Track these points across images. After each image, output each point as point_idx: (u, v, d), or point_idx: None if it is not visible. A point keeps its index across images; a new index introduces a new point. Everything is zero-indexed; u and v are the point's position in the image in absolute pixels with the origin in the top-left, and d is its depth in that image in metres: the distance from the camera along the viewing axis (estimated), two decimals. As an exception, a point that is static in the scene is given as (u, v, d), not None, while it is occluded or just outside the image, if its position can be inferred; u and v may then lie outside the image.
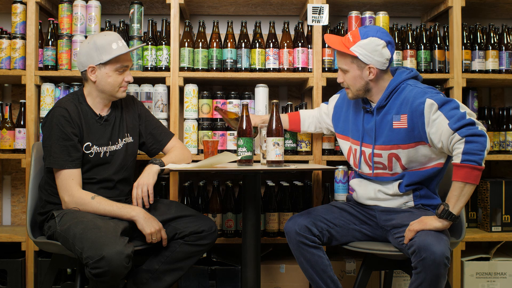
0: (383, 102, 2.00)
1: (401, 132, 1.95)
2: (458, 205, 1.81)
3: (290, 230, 2.00)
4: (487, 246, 2.92)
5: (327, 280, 1.98)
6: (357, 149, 2.11)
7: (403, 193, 2.01)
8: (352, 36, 1.99)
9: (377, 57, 1.96)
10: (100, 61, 2.04)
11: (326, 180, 2.79)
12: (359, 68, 1.99)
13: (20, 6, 2.62)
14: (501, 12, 3.02)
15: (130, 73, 2.13)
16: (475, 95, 2.83)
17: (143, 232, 1.98)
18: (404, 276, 2.72)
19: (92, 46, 2.05)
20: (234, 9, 2.92)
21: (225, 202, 2.70)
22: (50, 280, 2.08)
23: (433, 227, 1.79)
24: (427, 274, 1.69)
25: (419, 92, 1.92)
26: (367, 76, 1.99)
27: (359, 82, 2.01)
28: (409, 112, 1.92)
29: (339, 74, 2.06)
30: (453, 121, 1.81)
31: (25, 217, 2.73)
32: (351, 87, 2.04)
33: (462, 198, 1.80)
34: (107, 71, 2.05)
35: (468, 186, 1.79)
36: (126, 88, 2.13)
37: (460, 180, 1.79)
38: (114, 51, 2.04)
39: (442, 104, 1.85)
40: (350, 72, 2.01)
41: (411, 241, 1.78)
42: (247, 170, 2.00)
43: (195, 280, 2.59)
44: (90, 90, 2.11)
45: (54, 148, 1.99)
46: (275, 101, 2.06)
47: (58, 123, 2.00)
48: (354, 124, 2.13)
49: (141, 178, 2.07)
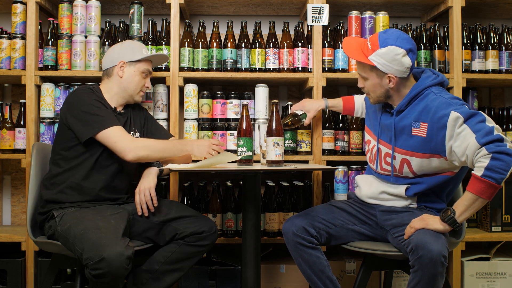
0: (402, 107, 1.95)
1: (418, 140, 1.90)
2: (465, 215, 1.79)
3: (288, 231, 2.00)
4: (487, 246, 2.92)
5: (325, 281, 1.98)
6: (375, 145, 2.09)
7: (408, 197, 2.01)
8: (371, 43, 1.91)
9: (397, 66, 1.88)
10: (131, 59, 2.18)
11: (326, 180, 2.79)
12: (378, 77, 1.94)
13: (20, 6, 2.62)
14: (501, 12, 3.02)
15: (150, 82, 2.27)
16: (475, 95, 2.83)
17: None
18: (404, 276, 2.72)
19: (127, 46, 2.23)
20: (234, 9, 2.92)
21: (225, 202, 2.70)
22: (50, 280, 2.08)
23: (433, 228, 1.79)
24: (424, 272, 1.69)
25: (443, 102, 1.84)
26: (387, 84, 1.93)
27: (379, 89, 1.96)
28: (430, 122, 1.85)
29: (360, 79, 2.03)
30: (481, 135, 1.73)
31: (25, 217, 2.73)
32: (371, 94, 2.00)
33: (471, 210, 1.78)
34: (135, 69, 2.19)
35: (480, 200, 1.75)
36: (144, 94, 2.27)
37: (474, 193, 1.74)
38: (144, 54, 2.22)
39: (468, 117, 1.77)
40: (370, 79, 1.96)
41: (409, 239, 1.78)
42: (247, 170, 2.00)
43: (195, 280, 2.60)
44: (111, 86, 2.19)
45: (94, 111, 2.02)
46: (275, 101, 2.06)
47: (88, 93, 2.08)
48: (375, 118, 2.11)
49: (142, 183, 2.09)
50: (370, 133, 2.16)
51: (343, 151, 2.70)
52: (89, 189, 2.07)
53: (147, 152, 2.03)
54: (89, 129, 2.00)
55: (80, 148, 2.06)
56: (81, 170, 2.07)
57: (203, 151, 2.19)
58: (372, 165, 2.12)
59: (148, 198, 2.07)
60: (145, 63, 2.23)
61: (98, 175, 2.09)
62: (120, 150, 2.00)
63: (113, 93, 2.17)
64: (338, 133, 2.70)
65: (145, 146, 2.04)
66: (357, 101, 2.42)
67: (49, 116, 2.60)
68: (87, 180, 2.07)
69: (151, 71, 2.27)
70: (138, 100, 2.25)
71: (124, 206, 2.14)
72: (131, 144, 2.00)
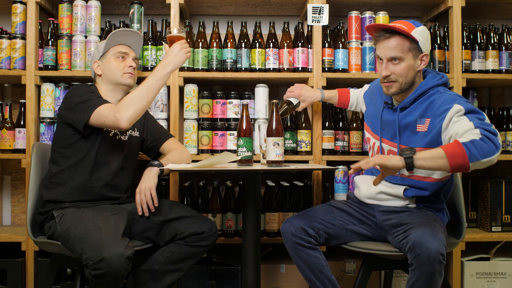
0: (407, 104, 1.96)
1: (421, 135, 1.92)
2: (422, 162, 1.71)
3: (286, 232, 2.01)
4: (487, 246, 2.92)
5: (324, 281, 1.97)
6: (376, 143, 2.09)
7: (407, 197, 2.01)
8: (403, 24, 1.90)
9: (429, 46, 1.95)
10: (100, 54, 2.19)
11: (326, 180, 2.79)
12: (414, 57, 1.92)
13: (20, 6, 2.62)
14: (501, 12, 3.02)
15: (134, 61, 2.20)
16: (475, 95, 2.83)
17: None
18: (404, 276, 2.72)
19: (95, 48, 2.26)
20: (234, 9, 2.92)
21: (225, 202, 2.70)
22: (50, 280, 2.08)
23: (393, 163, 1.72)
24: (422, 271, 1.69)
25: (448, 98, 1.86)
26: (419, 65, 1.93)
27: (411, 73, 1.93)
28: (433, 116, 1.88)
29: (386, 66, 1.94)
30: (478, 123, 1.74)
31: (25, 217, 2.73)
32: (401, 79, 1.93)
33: (429, 162, 1.71)
34: (107, 59, 2.18)
35: (444, 162, 1.69)
36: (132, 75, 2.19)
37: (444, 151, 1.69)
38: (106, 40, 2.18)
39: (470, 111, 1.79)
40: (406, 61, 1.91)
41: (407, 238, 1.77)
42: (247, 170, 2.00)
43: (195, 280, 2.60)
44: (100, 87, 2.21)
45: (84, 98, 2.01)
46: (275, 101, 2.05)
47: (82, 87, 2.10)
48: (374, 117, 2.10)
49: (142, 183, 2.09)
50: (369, 131, 2.16)
51: (343, 151, 2.70)
52: (89, 188, 2.07)
53: (133, 108, 1.92)
54: (83, 115, 1.98)
55: (78, 145, 2.07)
56: (81, 168, 2.07)
57: (181, 56, 2.00)
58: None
59: (148, 198, 2.07)
60: (115, 47, 2.18)
61: (98, 173, 2.09)
62: (112, 125, 1.96)
63: (104, 91, 2.18)
64: (338, 133, 2.70)
65: (127, 105, 1.92)
66: (352, 95, 2.42)
67: (49, 116, 2.60)
68: (87, 178, 2.07)
69: (126, 51, 2.19)
70: (128, 83, 2.16)
71: (124, 205, 2.14)
72: (116, 114, 1.92)
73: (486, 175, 3.07)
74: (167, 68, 1.98)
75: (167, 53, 2.01)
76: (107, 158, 2.11)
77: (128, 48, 2.23)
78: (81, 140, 2.06)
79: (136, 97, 1.94)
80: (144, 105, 1.95)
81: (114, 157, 2.13)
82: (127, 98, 1.96)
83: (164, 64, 1.99)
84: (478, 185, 2.87)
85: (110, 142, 2.13)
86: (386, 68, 1.94)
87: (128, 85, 2.18)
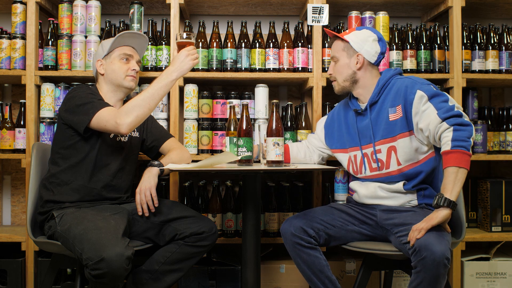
0: (375, 98, 2.05)
1: (398, 122, 1.98)
2: (455, 190, 1.81)
3: (286, 232, 2.01)
4: (487, 246, 2.92)
5: (324, 281, 1.97)
6: (357, 154, 2.12)
7: (407, 191, 2.01)
8: (349, 30, 2.17)
9: (367, 47, 2.06)
10: (105, 53, 2.19)
11: (326, 180, 2.79)
12: (348, 56, 2.08)
13: (20, 6, 2.62)
14: (501, 12, 3.02)
15: (137, 65, 2.21)
16: (475, 95, 2.83)
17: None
18: (404, 276, 2.72)
19: (100, 45, 2.26)
20: (234, 9, 2.92)
21: (225, 202, 2.70)
22: (50, 280, 2.08)
23: (440, 218, 1.77)
24: (427, 274, 1.69)
25: (410, 82, 1.98)
26: (355, 65, 2.07)
27: (346, 71, 2.09)
28: (403, 101, 1.97)
29: (330, 67, 2.16)
30: (442, 111, 1.86)
31: (25, 217, 2.73)
32: (338, 78, 2.12)
33: (458, 183, 1.81)
34: (111, 60, 2.18)
35: (462, 171, 1.81)
36: (135, 78, 2.19)
37: (453, 164, 1.81)
38: (112, 40, 2.19)
39: (432, 96, 1.91)
40: (340, 60, 2.10)
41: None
42: (247, 170, 2.00)
43: (195, 280, 2.60)
44: (101, 86, 2.20)
45: (85, 100, 2.00)
46: (275, 101, 2.06)
47: (83, 88, 2.09)
48: (348, 133, 2.15)
49: (142, 183, 2.09)
50: (345, 151, 2.19)
51: (343, 151, 2.70)
52: (89, 189, 2.07)
53: (134, 114, 1.91)
54: (84, 118, 1.98)
55: (78, 146, 2.07)
56: (80, 169, 2.07)
57: (186, 63, 1.97)
58: (361, 174, 2.13)
59: (148, 198, 2.07)
60: (121, 48, 2.19)
61: (98, 175, 2.09)
62: (112, 130, 1.96)
63: (105, 91, 2.18)
64: (338, 133, 2.70)
65: (128, 111, 1.92)
66: (292, 148, 2.35)
67: (49, 116, 2.60)
68: (87, 179, 2.07)
69: (131, 54, 2.20)
70: (130, 86, 2.17)
71: (124, 205, 2.14)
72: (117, 119, 1.92)
73: (486, 175, 3.07)
74: (172, 76, 1.96)
75: (173, 59, 2.00)
76: (107, 159, 2.11)
77: (133, 50, 2.24)
78: (81, 141, 2.06)
79: (138, 104, 1.93)
80: (146, 112, 1.94)
81: (114, 158, 2.13)
82: (130, 103, 1.95)
83: (170, 71, 1.96)
84: (478, 185, 2.87)
85: (110, 143, 2.13)
86: (330, 69, 2.17)
87: (129, 88, 2.19)
